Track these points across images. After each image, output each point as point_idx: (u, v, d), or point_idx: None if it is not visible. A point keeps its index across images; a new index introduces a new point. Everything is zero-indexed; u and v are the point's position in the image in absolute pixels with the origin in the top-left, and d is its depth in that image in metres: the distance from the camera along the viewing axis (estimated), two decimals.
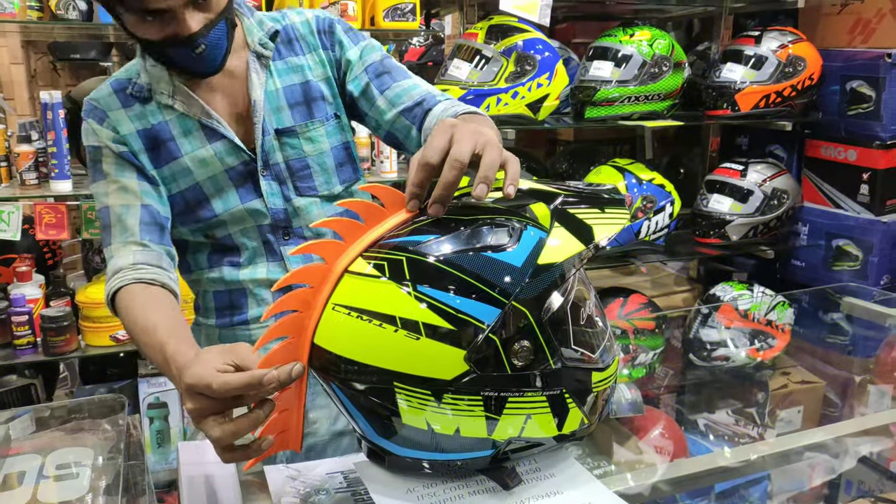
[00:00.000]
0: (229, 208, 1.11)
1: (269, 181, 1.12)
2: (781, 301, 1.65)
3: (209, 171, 1.10)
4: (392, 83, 1.12)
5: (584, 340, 0.73)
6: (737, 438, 1.07)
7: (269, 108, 1.11)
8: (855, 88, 2.37)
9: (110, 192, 1.07)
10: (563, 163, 2.72)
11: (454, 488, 0.73)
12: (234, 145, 1.09)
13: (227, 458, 0.72)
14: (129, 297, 0.98)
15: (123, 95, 1.10)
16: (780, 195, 2.42)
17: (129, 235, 1.04)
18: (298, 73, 1.13)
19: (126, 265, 1.01)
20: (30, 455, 0.92)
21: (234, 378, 0.68)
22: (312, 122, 1.12)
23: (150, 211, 1.06)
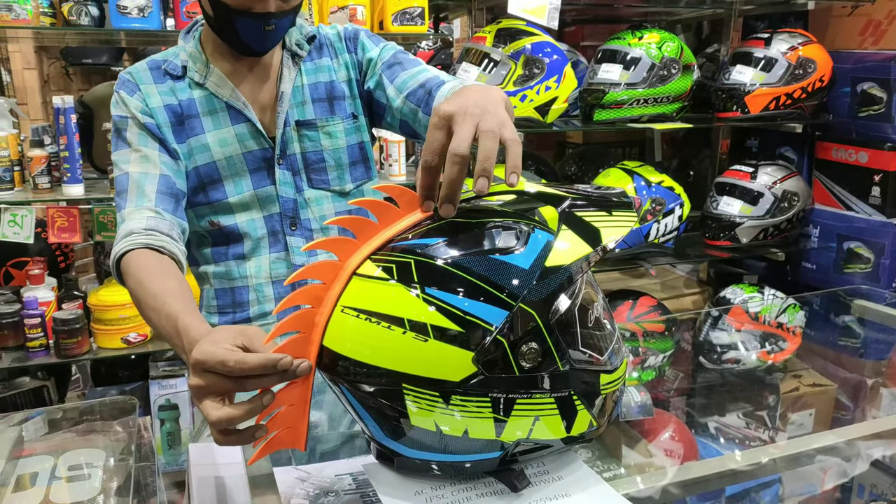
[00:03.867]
0: (241, 192, 1.15)
1: (284, 170, 1.16)
2: (792, 304, 1.65)
3: (227, 152, 1.14)
4: (401, 72, 1.17)
5: (592, 342, 0.73)
6: (747, 441, 1.06)
7: (294, 101, 1.17)
8: (866, 90, 2.35)
9: (132, 160, 1.10)
10: (572, 166, 2.72)
11: (462, 490, 0.73)
12: (256, 130, 1.14)
13: (221, 441, 0.71)
14: (138, 260, 0.98)
15: (158, 72, 1.15)
16: (790, 197, 2.41)
17: (146, 201, 1.06)
18: (324, 73, 1.20)
19: (138, 229, 1.02)
20: (42, 456, 0.93)
21: (251, 357, 0.67)
22: (332, 118, 1.18)
23: (167, 181, 1.09)
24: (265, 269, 1.18)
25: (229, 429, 0.70)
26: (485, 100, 0.76)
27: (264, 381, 0.69)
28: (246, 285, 1.18)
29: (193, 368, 0.70)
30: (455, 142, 0.70)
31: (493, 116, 0.72)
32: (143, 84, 1.14)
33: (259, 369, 0.68)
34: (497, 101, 0.77)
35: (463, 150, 0.69)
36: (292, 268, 1.18)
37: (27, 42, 3.02)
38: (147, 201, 1.06)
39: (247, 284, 1.18)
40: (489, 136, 0.71)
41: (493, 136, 0.71)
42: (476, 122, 0.71)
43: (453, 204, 0.71)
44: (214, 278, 1.20)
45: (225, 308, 1.20)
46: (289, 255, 1.18)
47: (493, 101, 0.77)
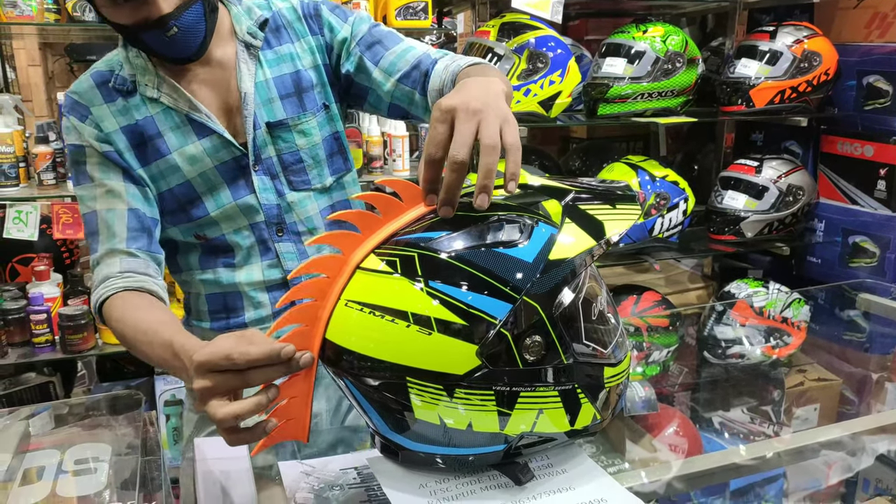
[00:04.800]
0: (221, 206, 1.08)
1: (262, 176, 1.09)
2: (797, 298, 1.64)
3: (199, 168, 1.06)
4: (385, 52, 1.09)
5: (595, 336, 0.73)
6: (752, 436, 1.06)
7: (260, 100, 1.08)
8: (871, 83, 2.34)
9: (97, 196, 1.04)
10: (576, 160, 2.72)
11: (467, 483, 0.74)
12: (225, 140, 1.06)
13: (231, 440, 0.72)
14: (121, 303, 0.97)
15: (106, 89, 1.05)
16: (795, 191, 2.40)
17: (117, 242, 1.02)
18: (288, 63, 1.10)
19: (114, 273, 1.00)
20: (49, 451, 0.93)
21: (254, 348, 0.68)
22: (304, 115, 1.10)
23: (137, 215, 1.04)
24: (258, 277, 1.12)
25: (237, 427, 0.70)
26: (486, 94, 0.75)
27: (269, 373, 0.69)
28: (238, 292, 1.13)
29: (197, 371, 0.70)
30: (454, 147, 0.69)
31: (496, 114, 0.72)
32: (94, 106, 1.05)
33: (263, 359, 0.68)
34: (498, 94, 0.77)
35: (462, 157, 0.69)
36: (286, 274, 1.14)
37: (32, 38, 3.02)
38: (118, 242, 1.02)
39: (239, 291, 1.13)
40: (490, 150, 0.69)
41: (494, 150, 0.70)
42: (478, 121, 0.71)
43: (452, 206, 0.70)
44: (203, 284, 1.15)
45: (217, 313, 1.15)
46: (280, 262, 1.13)
47: (495, 94, 0.76)
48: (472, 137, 0.70)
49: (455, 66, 1.01)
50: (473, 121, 0.70)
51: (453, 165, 0.69)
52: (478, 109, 0.71)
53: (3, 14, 1.89)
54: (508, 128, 0.72)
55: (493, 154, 0.70)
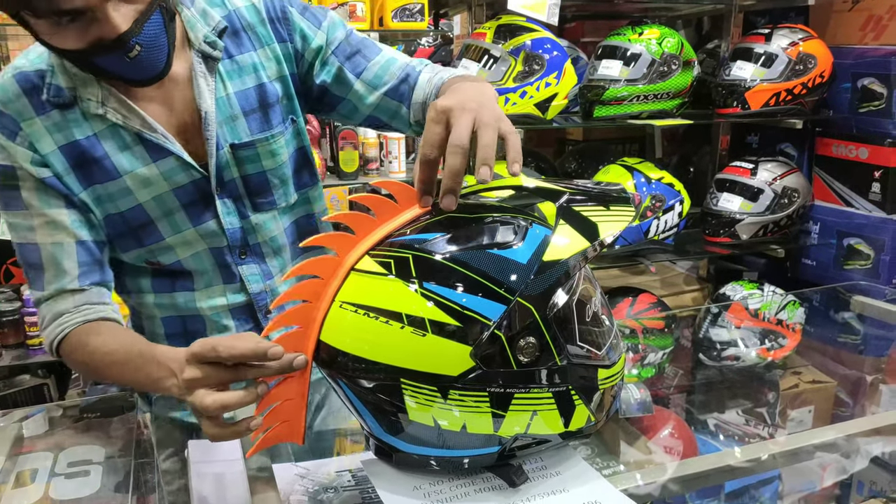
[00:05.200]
0: (179, 231, 0.98)
1: (224, 199, 0.99)
2: (792, 300, 1.64)
3: (153, 192, 0.95)
4: (367, 63, 1.02)
5: (589, 337, 0.73)
6: (747, 438, 1.06)
7: (222, 118, 0.96)
8: (866, 86, 2.35)
9: (36, 226, 0.92)
10: (572, 162, 2.72)
11: (461, 486, 0.74)
12: (184, 163, 0.95)
13: (212, 433, 0.71)
14: (82, 336, 0.92)
15: (37, 99, 0.90)
16: (790, 194, 2.40)
17: (68, 282, 0.93)
18: (251, 75, 0.98)
19: (68, 309, 0.94)
20: (42, 453, 0.93)
21: (240, 342, 0.68)
22: (272, 134, 1.00)
23: (86, 248, 0.94)
24: (220, 301, 1.04)
25: (220, 419, 0.71)
26: (481, 95, 0.76)
27: (259, 370, 0.70)
28: (199, 315, 1.04)
29: (188, 361, 0.71)
30: (455, 133, 0.70)
31: (490, 111, 0.73)
32: (24, 120, 0.89)
33: (249, 355, 0.68)
34: (492, 97, 0.78)
35: (463, 141, 0.70)
36: (252, 296, 1.05)
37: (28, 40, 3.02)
38: (70, 281, 0.93)
39: (200, 315, 1.04)
40: (488, 127, 0.71)
41: (493, 128, 0.71)
42: (474, 116, 0.72)
43: (455, 195, 0.70)
44: (158, 308, 1.05)
45: (175, 337, 1.06)
46: (244, 285, 1.04)
47: (489, 97, 0.77)
48: (471, 128, 0.71)
49: (438, 78, 1.00)
50: (470, 116, 0.71)
51: (454, 149, 0.69)
52: (473, 108, 0.72)
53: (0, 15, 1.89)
54: (503, 120, 0.74)
55: (492, 131, 0.71)
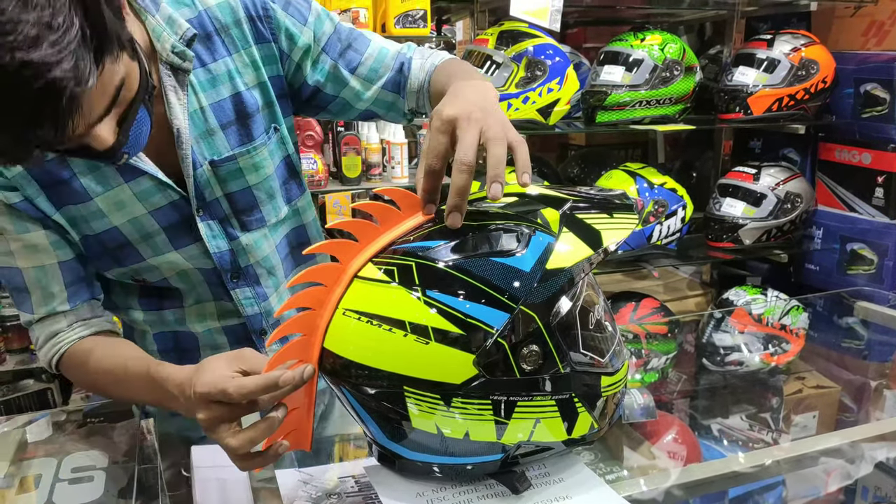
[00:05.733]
0: (160, 254, 0.93)
1: (208, 222, 0.93)
2: (795, 305, 1.64)
3: (128, 214, 0.90)
4: (361, 57, 0.97)
5: (593, 345, 0.73)
6: (751, 444, 1.06)
7: (197, 133, 0.90)
8: (869, 91, 2.35)
9: (14, 251, 0.88)
10: (575, 167, 2.72)
11: (464, 492, 0.74)
12: (160, 182, 0.89)
13: (243, 467, 0.72)
14: (80, 353, 0.91)
15: None
16: (793, 199, 2.40)
17: (57, 304, 0.91)
18: (226, 84, 0.91)
19: (62, 328, 0.92)
20: (46, 459, 0.93)
21: (250, 381, 0.68)
22: (254, 147, 0.93)
23: (69, 267, 0.91)
24: (213, 323, 1.00)
25: (250, 453, 0.70)
26: (484, 100, 0.74)
27: (273, 396, 0.69)
28: (191, 332, 1.01)
29: (199, 402, 0.70)
30: (461, 150, 0.69)
31: (496, 120, 0.72)
32: None
33: (260, 391, 0.68)
34: (494, 100, 0.76)
35: (469, 159, 0.68)
36: (246, 318, 1.00)
37: None
38: (59, 304, 0.91)
39: (191, 332, 1.01)
40: (497, 142, 0.69)
41: (502, 142, 0.70)
42: (480, 127, 0.70)
43: (461, 212, 0.69)
44: (148, 324, 1.01)
45: (167, 353, 1.02)
46: (238, 308, 0.99)
47: (492, 101, 0.76)
48: (477, 142, 0.70)
49: (429, 63, 0.97)
50: (476, 127, 0.70)
51: (461, 167, 0.68)
52: (479, 117, 0.71)
53: None
54: (510, 129, 0.72)
55: (501, 145, 0.70)
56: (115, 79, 0.68)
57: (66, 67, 0.59)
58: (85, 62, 0.61)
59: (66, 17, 0.59)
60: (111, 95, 0.69)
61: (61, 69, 0.59)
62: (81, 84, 0.61)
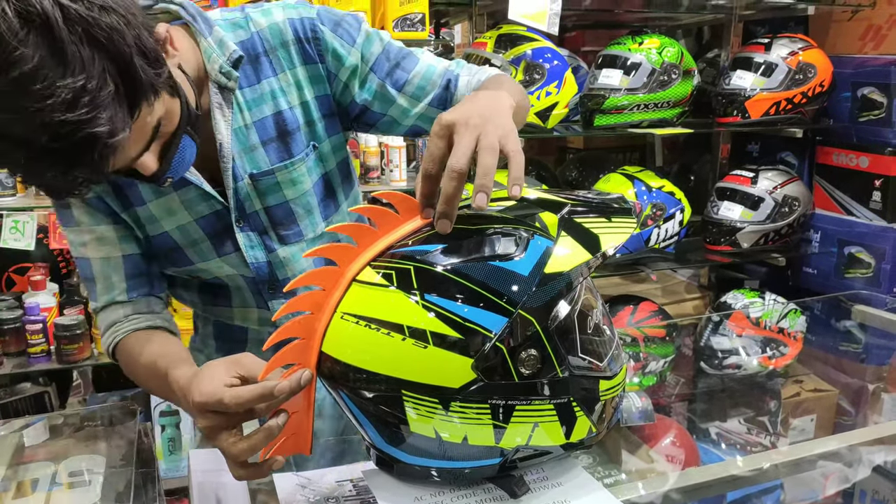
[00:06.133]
0: (206, 260, 0.99)
1: (248, 233, 0.98)
2: (793, 309, 1.65)
3: (177, 221, 0.96)
4: (407, 76, 0.99)
5: (591, 349, 0.73)
6: (749, 447, 1.06)
7: (240, 148, 0.95)
8: (866, 95, 2.36)
9: (87, 242, 0.96)
10: (573, 171, 2.73)
11: (462, 496, 0.73)
12: (204, 193, 0.94)
13: (239, 475, 0.72)
14: (129, 346, 0.95)
15: None
16: (791, 202, 2.41)
17: (117, 294, 0.97)
18: (269, 103, 0.95)
19: (119, 318, 0.97)
20: (43, 462, 0.93)
21: (245, 391, 0.68)
22: (293, 163, 0.97)
23: (132, 261, 0.97)
24: (254, 324, 1.06)
25: (248, 461, 0.71)
26: (489, 108, 0.73)
27: (270, 404, 0.70)
28: (243, 326, 1.07)
29: (198, 411, 0.71)
30: (453, 156, 0.69)
31: (496, 127, 0.70)
32: None
33: (256, 400, 0.68)
34: (504, 109, 0.75)
35: (461, 166, 0.68)
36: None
37: None
38: (119, 294, 0.96)
39: (243, 326, 1.07)
40: (488, 151, 0.69)
41: (493, 152, 0.69)
42: (477, 134, 0.70)
43: (450, 219, 0.69)
44: (206, 313, 1.09)
45: (222, 339, 1.09)
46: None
47: (500, 109, 0.74)
48: (472, 148, 0.69)
49: (476, 80, 0.99)
50: (473, 134, 0.70)
51: (452, 174, 0.68)
52: (477, 123, 0.70)
53: None
54: (509, 138, 0.71)
55: (491, 155, 0.69)
56: (152, 120, 0.75)
57: (100, 123, 0.67)
58: (118, 115, 0.69)
59: (99, 79, 0.66)
60: (149, 135, 0.76)
61: (96, 125, 0.66)
62: (115, 135, 0.68)
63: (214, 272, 1.01)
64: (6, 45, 0.63)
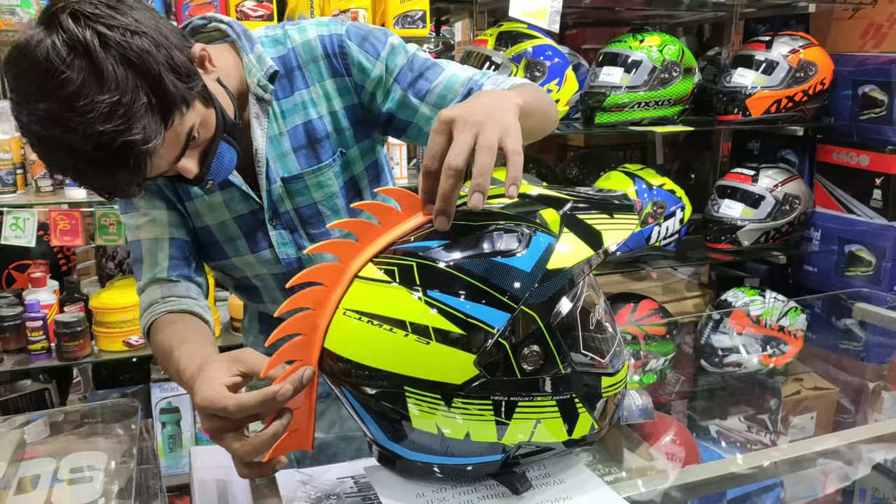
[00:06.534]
0: (240, 255, 1.09)
1: (280, 230, 1.08)
2: (794, 307, 1.65)
3: (217, 217, 1.06)
4: (429, 86, 1.03)
5: (593, 345, 0.73)
6: (749, 445, 1.06)
7: (274, 154, 1.04)
8: (867, 93, 2.35)
9: (141, 225, 1.05)
10: (574, 168, 2.72)
11: (464, 493, 0.74)
12: (243, 193, 1.05)
13: (244, 474, 0.72)
14: (159, 328, 0.98)
15: None
16: (791, 200, 2.41)
17: (159, 271, 1.03)
18: (300, 112, 1.04)
19: (157, 299, 1.02)
20: (44, 459, 0.93)
21: (249, 399, 0.68)
22: (320, 168, 1.05)
23: (178, 245, 1.05)
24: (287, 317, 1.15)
25: (252, 461, 0.71)
26: (491, 106, 0.73)
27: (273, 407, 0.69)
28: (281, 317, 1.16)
29: (200, 412, 0.71)
30: (450, 154, 0.69)
31: (496, 125, 0.70)
32: None
33: (260, 407, 0.68)
34: (508, 106, 0.75)
35: (457, 164, 0.68)
36: None
37: None
38: (160, 271, 1.03)
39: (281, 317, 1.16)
40: (485, 150, 0.68)
41: (490, 150, 0.69)
42: (476, 132, 0.70)
43: (447, 217, 0.69)
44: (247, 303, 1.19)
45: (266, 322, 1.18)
46: None
47: (503, 107, 0.74)
48: (470, 146, 0.69)
49: (500, 88, 0.99)
50: (472, 131, 0.70)
51: (448, 172, 0.68)
52: (477, 121, 0.70)
53: (1, 21, 1.90)
54: (509, 137, 0.71)
55: (488, 155, 0.69)
56: (185, 128, 0.84)
57: (134, 132, 0.77)
58: (151, 125, 0.78)
59: (132, 94, 0.77)
60: (183, 141, 0.85)
61: (130, 134, 0.76)
62: (148, 142, 0.78)
63: (245, 271, 1.11)
64: (56, 71, 0.74)
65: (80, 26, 0.75)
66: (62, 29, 0.75)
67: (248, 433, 0.72)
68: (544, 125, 0.98)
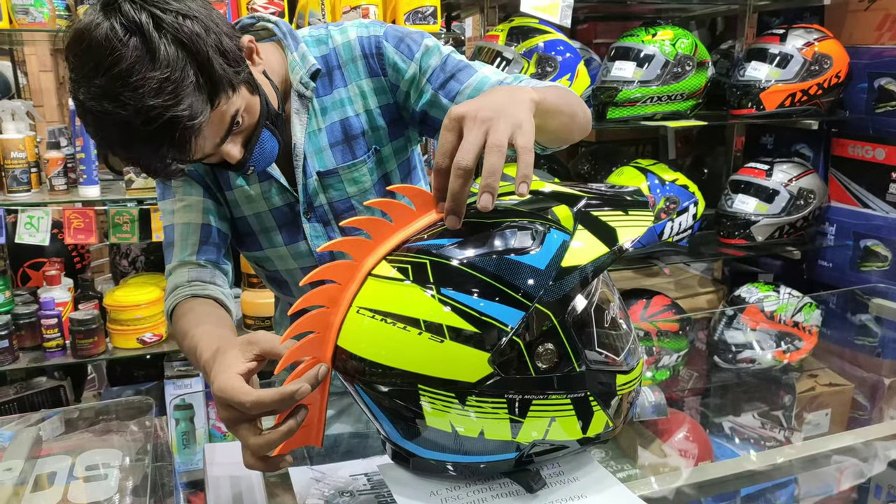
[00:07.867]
0: (274, 246, 1.12)
1: (314, 223, 1.11)
2: (808, 302, 1.63)
3: (255, 208, 1.10)
4: (460, 87, 1.04)
5: (608, 343, 0.73)
6: (763, 442, 1.05)
7: (311, 149, 1.07)
8: (883, 86, 2.33)
9: (176, 209, 1.08)
10: (586, 164, 2.71)
11: (478, 491, 0.73)
12: (281, 186, 1.08)
13: (252, 465, 0.72)
14: (181, 312, 1.00)
15: None
16: (806, 195, 2.39)
17: (189, 254, 1.06)
18: (338, 110, 1.08)
19: (182, 282, 1.04)
20: (60, 456, 0.94)
21: (266, 396, 0.68)
22: (354, 164, 1.09)
23: (209, 230, 1.08)
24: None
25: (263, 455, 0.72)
26: (502, 101, 0.72)
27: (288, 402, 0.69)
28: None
29: (217, 401, 0.71)
30: (459, 152, 0.68)
31: (507, 121, 0.69)
32: None
33: (277, 405, 0.69)
34: (521, 102, 0.74)
35: (466, 163, 0.67)
36: None
37: (43, 45, 3.04)
38: (189, 255, 1.06)
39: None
40: (495, 150, 0.68)
41: (500, 150, 0.68)
42: (486, 129, 0.69)
43: (458, 216, 0.69)
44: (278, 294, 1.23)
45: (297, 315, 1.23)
46: None
47: (516, 102, 0.73)
48: (479, 144, 0.68)
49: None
50: (482, 128, 0.69)
51: (457, 171, 0.68)
52: (487, 117, 0.69)
53: (15, 21, 1.91)
54: (520, 132, 0.70)
55: (497, 154, 0.68)
56: (230, 110, 0.87)
57: (181, 108, 0.80)
58: (198, 102, 0.82)
59: (182, 72, 0.81)
60: (227, 124, 0.88)
61: (178, 109, 0.80)
62: (195, 118, 0.82)
63: (277, 265, 1.14)
64: (112, 49, 0.79)
65: (136, 10, 0.81)
66: (120, 13, 0.80)
67: (261, 425, 0.72)
68: (571, 127, 0.97)
